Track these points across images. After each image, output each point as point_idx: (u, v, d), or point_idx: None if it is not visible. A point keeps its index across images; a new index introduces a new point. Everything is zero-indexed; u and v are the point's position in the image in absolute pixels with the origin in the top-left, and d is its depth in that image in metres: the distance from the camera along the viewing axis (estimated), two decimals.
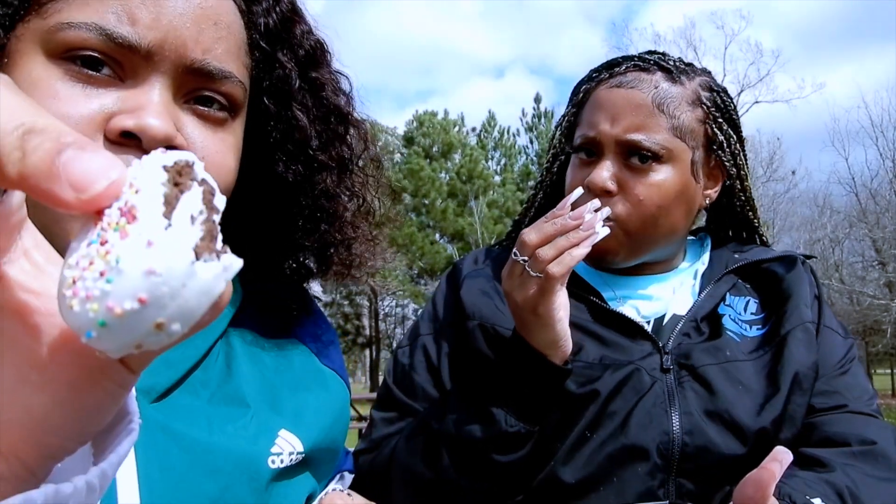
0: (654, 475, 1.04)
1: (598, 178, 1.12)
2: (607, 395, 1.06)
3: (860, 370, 1.19)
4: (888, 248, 24.02)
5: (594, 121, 1.16)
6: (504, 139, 37.56)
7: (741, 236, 1.34)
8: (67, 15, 0.62)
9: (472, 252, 1.32)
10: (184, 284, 0.29)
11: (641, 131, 1.13)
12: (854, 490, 1.00)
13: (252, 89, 0.76)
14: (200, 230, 0.30)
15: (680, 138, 1.15)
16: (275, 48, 0.78)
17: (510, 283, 1.00)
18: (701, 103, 1.19)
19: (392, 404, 1.18)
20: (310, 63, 0.81)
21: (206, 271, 0.30)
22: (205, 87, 0.67)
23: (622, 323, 1.15)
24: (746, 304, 1.21)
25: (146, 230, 0.29)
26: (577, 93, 1.26)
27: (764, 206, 26.70)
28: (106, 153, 0.31)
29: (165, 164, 0.32)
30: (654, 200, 1.13)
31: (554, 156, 1.30)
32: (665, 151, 1.13)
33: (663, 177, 1.14)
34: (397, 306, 36.09)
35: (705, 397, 1.06)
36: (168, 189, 0.31)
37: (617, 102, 1.15)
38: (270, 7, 0.77)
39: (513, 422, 1.01)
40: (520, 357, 1.02)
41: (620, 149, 1.13)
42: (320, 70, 0.82)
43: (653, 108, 1.14)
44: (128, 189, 0.31)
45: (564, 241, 0.97)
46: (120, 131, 0.61)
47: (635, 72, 1.18)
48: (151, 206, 0.30)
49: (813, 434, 1.10)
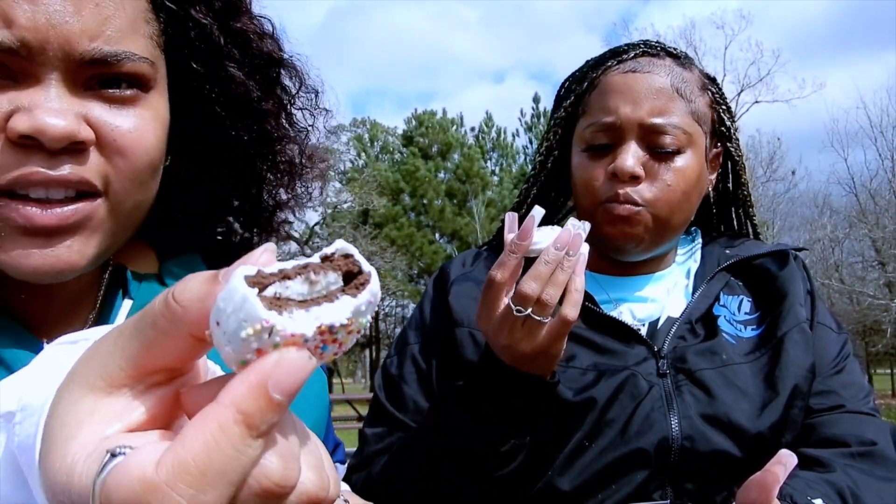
0: (653, 480, 1.03)
1: (625, 165, 1.08)
2: (604, 403, 1.04)
3: (855, 366, 1.18)
4: (888, 248, 24.01)
5: (611, 106, 1.12)
6: (502, 139, 37.56)
7: (733, 229, 1.32)
8: None
9: (459, 255, 1.29)
10: None
11: (664, 115, 1.10)
12: (855, 490, 1.00)
13: (176, 52, 0.74)
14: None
15: (697, 122, 1.14)
16: (186, 7, 0.74)
17: (512, 336, 0.90)
18: (707, 89, 1.19)
19: (383, 419, 1.14)
20: (229, 14, 0.78)
21: None
22: (103, 73, 0.65)
23: (616, 328, 1.13)
24: (740, 304, 1.19)
25: None
26: (578, 82, 1.22)
27: (764, 206, 26.69)
28: None
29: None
30: (681, 185, 1.11)
31: (548, 150, 1.26)
32: (686, 136, 1.11)
33: (686, 161, 1.12)
34: (397, 306, 36.07)
35: (704, 401, 1.05)
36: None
37: (636, 87, 1.12)
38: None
39: (503, 440, 0.97)
40: (508, 379, 0.96)
41: (644, 133, 1.10)
42: (241, 19, 0.79)
43: (672, 92, 1.12)
44: None
45: (563, 275, 0.89)
46: (17, 137, 0.60)
47: (646, 57, 1.16)
48: None
49: (812, 435, 1.09)
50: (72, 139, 0.62)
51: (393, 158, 36.74)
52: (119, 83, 0.66)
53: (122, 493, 0.32)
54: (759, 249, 1.24)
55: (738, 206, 1.31)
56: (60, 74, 0.63)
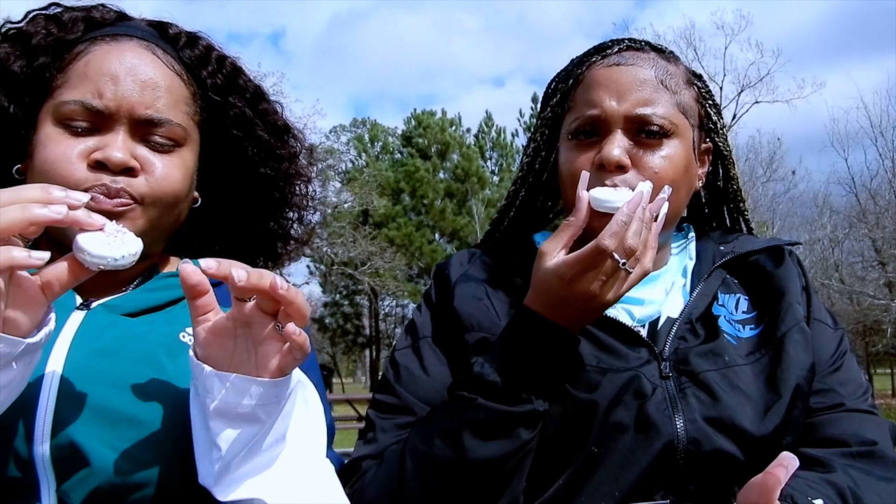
0: (657, 481, 1.02)
1: (611, 154, 1.08)
2: (610, 402, 1.04)
3: (852, 362, 1.18)
4: (888, 248, 24.00)
5: (595, 99, 1.13)
6: (501, 138, 37.58)
7: (725, 225, 1.32)
8: (64, 95, 1.03)
9: (455, 255, 1.27)
10: None
11: (650, 105, 1.11)
12: (855, 490, 1.00)
13: (215, 125, 1.16)
14: None
15: (683, 114, 1.14)
16: (226, 95, 1.16)
17: (604, 286, 0.98)
18: (693, 83, 1.19)
19: (394, 406, 1.12)
20: (256, 101, 1.21)
21: None
22: (151, 130, 1.04)
23: (617, 329, 1.12)
24: (737, 303, 1.19)
25: None
26: (564, 80, 1.22)
27: (764, 206, 26.72)
28: None
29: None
30: (669, 174, 1.10)
31: (535, 150, 1.25)
32: (672, 126, 1.11)
33: (673, 151, 1.12)
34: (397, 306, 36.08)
35: (708, 404, 1.04)
36: None
37: (620, 79, 1.12)
38: (215, 70, 1.15)
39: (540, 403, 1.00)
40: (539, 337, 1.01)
41: (629, 125, 1.10)
42: (263, 104, 1.22)
43: (657, 84, 1.12)
44: None
45: (646, 231, 0.99)
46: (94, 161, 1.00)
47: (630, 51, 1.16)
48: None
49: (812, 435, 1.09)
50: (125, 166, 1.00)
51: (393, 158, 36.77)
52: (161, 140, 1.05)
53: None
54: (754, 244, 1.23)
55: (728, 202, 1.31)
56: (125, 128, 1.02)
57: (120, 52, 1.05)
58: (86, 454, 0.86)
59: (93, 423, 0.88)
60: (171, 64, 1.09)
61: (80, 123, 1.01)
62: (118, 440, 0.88)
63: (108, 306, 1.02)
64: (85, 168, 0.99)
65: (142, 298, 1.05)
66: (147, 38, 1.09)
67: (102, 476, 0.86)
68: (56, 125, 1.01)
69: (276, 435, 0.89)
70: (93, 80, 1.02)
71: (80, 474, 0.86)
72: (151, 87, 1.04)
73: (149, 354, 0.96)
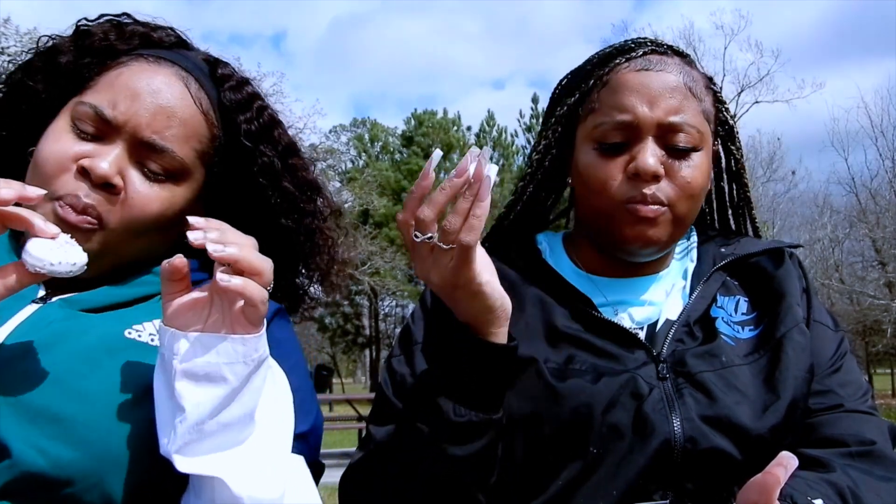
0: (655, 481, 1.02)
1: (647, 164, 1.08)
2: (606, 405, 1.04)
3: (852, 363, 1.18)
4: (888, 248, 23.99)
5: (626, 104, 1.11)
6: (502, 139, 37.58)
7: (729, 228, 1.32)
8: (87, 97, 1.03)
9: None
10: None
11: (680, 113, 1.10)
12: (855, 490, 0.99)
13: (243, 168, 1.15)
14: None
15: (707, 121, 1.14)
16: (258, 144, 1.15)
17: (423, 266, 0.93)
18: (710, 88, 1.19)
19: (391, 416, 1.10)
20: (287, 154, 1.20)
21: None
22: (150, 155, 1.02)
23: (615, 332, 1.12)
24: (737, 304, 1.18)
25: None
26: (583, 79, 1.20)
27: (764, 206, 26.69)
28: None
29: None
30: (699, 182, 1.11)
31: (546, 147, 1.24)
32: (699, 134, 1.11)
33: (701, 159, 1.12)
34: (397, 306, 36.08)
35: (704, 403, 1.04)
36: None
37: (651, 85, 1.11)
38: (252, 118, 1.15)
39: (462, 411, 0.95)
40: (464, 343, 0.97)
41: (661, 132, 1.10)
42: (294, 158, 1.21)
43: (686, 91, 1.12)
44: None
45: (465, 202, 0.89)
46: (81, 168, 0.99)
47: (655, 55, 1.15)
48: None
49: (811, 435, 1.09)
50: (105, 180, 0.98)
51: (393, 158, 36.77)
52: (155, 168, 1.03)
53: None
54: (755, 247, 1.23)
55: (740, 208, 1.31)
56: (125, 145, 1.01)
57: (154, 73, 1.05)
58: (7, 446, 0.85)
59: (12, 416, 0.87)
60: (200, 100, 1.07)
61: (87, 127, 1.01)
62: (38, 436, 0.87)
63: (69, 301, 1.01)
64: (73, 172, 0.99)
65: (108, 294, 1.03)
66: (190, 70, 1.09)
67: (22, 468, 0.86)
68: (67, 122, 1.02)
69: (244, 408, 0.88)
70: (115, 91, 1.02)
71: (2, 465, 0.86)
72: (167, 114, 1.03)
73: (87, 351, 0.95)
